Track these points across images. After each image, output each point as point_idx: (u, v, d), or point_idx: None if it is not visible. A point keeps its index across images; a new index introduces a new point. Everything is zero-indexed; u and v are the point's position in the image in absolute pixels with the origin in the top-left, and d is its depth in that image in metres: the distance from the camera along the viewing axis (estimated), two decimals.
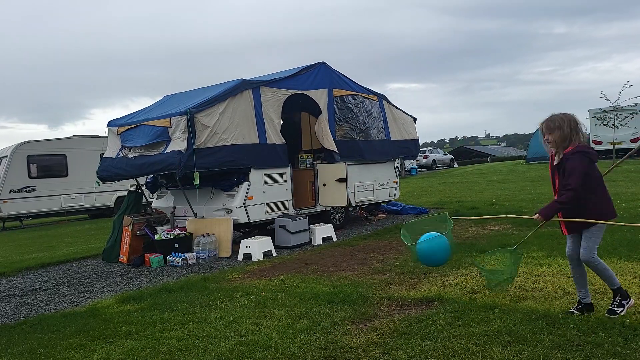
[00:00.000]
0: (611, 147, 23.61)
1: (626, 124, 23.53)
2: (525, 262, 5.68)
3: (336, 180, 9.08)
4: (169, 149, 7.48)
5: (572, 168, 3.64)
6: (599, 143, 25.99)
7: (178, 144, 7.38)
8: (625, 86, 22.00)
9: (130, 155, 8.20)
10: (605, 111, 23.75)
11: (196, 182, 7.30)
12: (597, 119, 24.60)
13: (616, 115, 23.27)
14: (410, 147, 11.99)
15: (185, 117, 7.31)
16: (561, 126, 3.73)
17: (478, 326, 3.77)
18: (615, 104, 22.87)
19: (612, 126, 23.27)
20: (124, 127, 8.50)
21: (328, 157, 9.51)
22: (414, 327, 3.88)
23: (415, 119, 12.31)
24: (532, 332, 3.58)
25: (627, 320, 3.63)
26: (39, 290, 6.52)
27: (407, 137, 11.89)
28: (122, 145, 8.47)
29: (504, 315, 3.94)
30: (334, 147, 9.34)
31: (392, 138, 11.32)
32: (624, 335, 3.39)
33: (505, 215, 4.97)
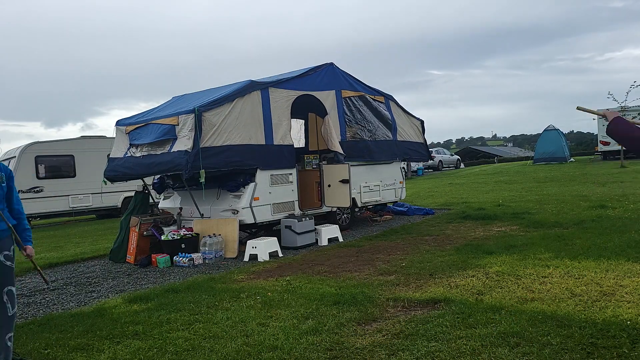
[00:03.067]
0: (619, 147, 23.48)
1: None
2: (533, 263, 5.67)
3: (339, 181, 9.09)
4: (174, 148, 7.50)
5: None
6: (607, 144, 25.89)
7: (184, 142, 7.40)
8: (633, 86, 21.88)
9: (137, 155, 8.23)
10: None
11: (202, 179, 7.31)
12: (605, 119, 24.47)
13: (624, 115, 23.12)
14: (418, 150, 11.99)
15: (193, 115, 7.35)
16: None
17: (484, 328, 3.76)
18: (623, 105, 22.76)
19: None
20: (132, 125, 8.54)
21: (334, 158, 9.52)
22: (420, 328, 3.87)
23: (422, 122, 12.30)
24: (539, 334, 3.56)
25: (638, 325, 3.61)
26: (47, 290, 6.56)
27: (414, 139, 11.89)
28: (129, 144, 8.51)
29: (510, 316, 3.93)
30: (339, 149, 9.33)
31: (399, 139, 11.32)
32: (631, 338, 3.37)
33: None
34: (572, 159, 28.74)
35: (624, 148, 22.88)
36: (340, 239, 8.75)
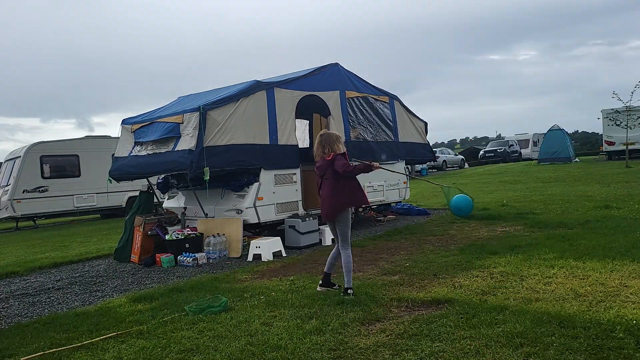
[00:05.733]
0: (624, 147, 23.39)
1: (639, 124, 23.32)
2: (537, 263, 5.65)
3: None
4: (178, 147, 7.53)
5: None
6: (612, 144, 25.78)
7: (188, 140, 7.42)
8: (638, 86, 21.79)
9: (142, 153, 8.27)
10: (617, 111, 23.56)
11: (206, 177, 7.32)
12: (610, 119, 24.41)
13: (629, 115, 23.07)
14: (421, 150, 11.99)
15: (198, 113, 7.37)
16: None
17: (488, 328, 3.75)
18: (628, 104, 22.68)
19: (625, 126, 23.07)
20: (138, 124, 8.59)
21: None
22: (423, 328, 3.87)
23: (426, 124, 12.30)
24: (544, 334, 3.55)
25: None
26: (52, 289, 6.59)
27: (417, 140, 11.88)
28: (134, 142, 8.56)
29: (514, 317, 3.92)
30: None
31: (401, 140, 11.30)
32: (636, 339, 3.36)
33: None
34: (577, 159, 28.63)
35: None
36: None
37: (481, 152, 37.00)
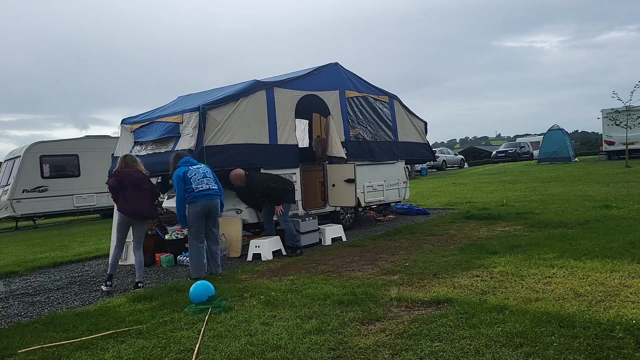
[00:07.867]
0: (624, 147, 23.41)
1: (639, 123, 23.35)
2: (537, 263, 5.65)
3: (344, 180, 9.08)
4: (178, 146, 7.52)
5: None
6: (611, 144, 25.81)
7: (187, 140, 7.41)
8: (637, 86, 21.81)
9: (141, 153, 8.26)
10: (617, 111, 23.59)
11: None
12: (610, 119, 24.44)
13: (629, 115, 23.09)
14: (420, 150, 11.99)
15: (198, 112, 7.37)
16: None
17: (488, 328, 3.75)
18: (627, 104, 22.70)
19: (625, 126, 23.09)
20: (137, 124, 8.58)
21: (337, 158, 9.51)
22: (423, 328, 3.87)
23: (425, 123, 12.31)
24: (543, 334, 3.55)
25: None
26: (52, 289, 6.59)
27: (417, 139, 11.88)
28: (134, 142, 8.55)
29: (514, 316, 3.92)
30: (339, 153, 9.28)
31: (400, 139, 11.30)
32: (636, 339, 3.36)
33: None
34: (576, 159, 28.65)
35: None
36: (344, 239, 8.75)
37: (493, 153, 41.35)
